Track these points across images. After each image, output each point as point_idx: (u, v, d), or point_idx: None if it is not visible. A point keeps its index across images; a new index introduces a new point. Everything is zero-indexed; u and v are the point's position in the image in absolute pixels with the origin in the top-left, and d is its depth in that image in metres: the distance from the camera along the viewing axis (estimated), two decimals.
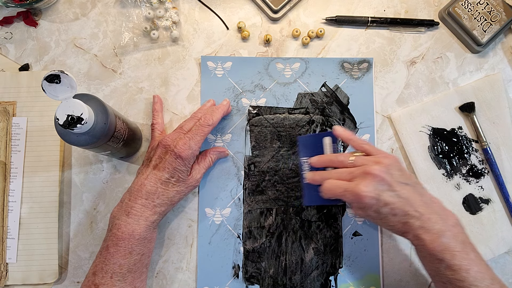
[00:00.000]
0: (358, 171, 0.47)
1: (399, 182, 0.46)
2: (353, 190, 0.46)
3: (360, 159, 0.49)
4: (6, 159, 0.58)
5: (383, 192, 0.45)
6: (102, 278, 0.48)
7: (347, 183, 0.47)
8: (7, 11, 0.62)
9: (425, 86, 0.62)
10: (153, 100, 0.60)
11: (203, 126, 0.53)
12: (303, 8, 0.64)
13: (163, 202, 0.52)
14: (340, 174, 0.49)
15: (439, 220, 0.45)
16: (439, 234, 0.45)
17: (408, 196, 0.46)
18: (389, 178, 0.46)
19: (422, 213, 0.45)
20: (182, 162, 0.52)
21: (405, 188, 0.46)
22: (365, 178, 0.46)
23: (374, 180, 0.45)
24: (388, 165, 0.46)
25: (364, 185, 0.45)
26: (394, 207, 0.45)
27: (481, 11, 0.62)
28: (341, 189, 0.47)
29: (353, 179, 0.47)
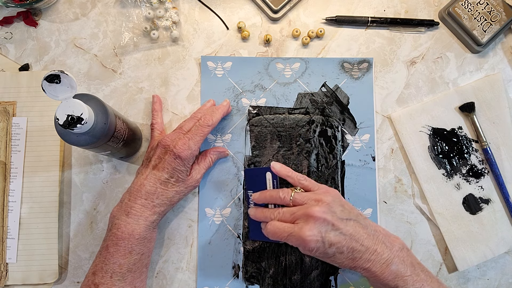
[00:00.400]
0: (300, 212, 0.46)
1: (342, 219, 0.46)
2: (297, 235, 0.45)
3: (300, 196, 0.49)
4: (6, 159, 0.58)
5: (327, 233, 0.45)
6: (102, 278, 0.48)
7: (291, 227, 0.46)
8: (7, 11, 0.62)
9: (425, 86, 0.62)
10: (153, 99, 0.60)
11: (202, 126, 0.53)
12: (303, 8, 0.64)
13: (163, 202, 0.52)
14: (282, 215, 0.49)
15: (385, 249, 0.46)
16: (387, 263, 0.45)
17: (352, 232, 0.46)
18: (330, 218, 0.45)
19: (368, 246, 0.46)
20: (181, 162, 0.52)
21: (348, 224, 0.46)
22: (308, 222, 0.45)
23: (317, 223, 0.45)
24: (328, 203, 0.46)
25: (307, 229, 0.45)
26: (340, 246, 0.45)
27: (481, 11, 0.62)
28: (285, 233, 0.47)
29: (295, 220, 0.47)
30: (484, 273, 0.60)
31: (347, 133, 0.61)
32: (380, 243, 0.46)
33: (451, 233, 0.59)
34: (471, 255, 0.59)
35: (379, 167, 0.60)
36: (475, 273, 0.60)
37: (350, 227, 0.46)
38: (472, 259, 0.59)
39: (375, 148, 0.60)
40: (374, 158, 0.60)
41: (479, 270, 0.60)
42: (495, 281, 0.60)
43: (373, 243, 0.46)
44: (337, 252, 0.46)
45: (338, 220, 0.46)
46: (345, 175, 0.60)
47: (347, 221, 0.47)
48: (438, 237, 0.60)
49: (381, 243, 0.46)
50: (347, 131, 0.61)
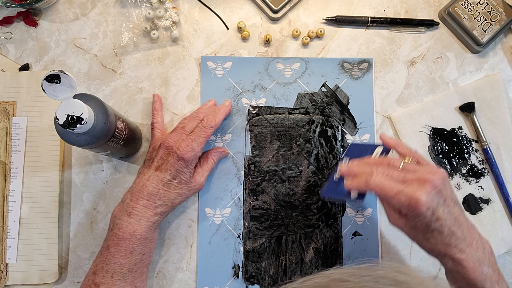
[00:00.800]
0: (414, 176, 0.42)
1: (452, 199, 0.43)
2: (411, 194, 0.40)
3: (411, 166, 0.44)
4: (6, 159, 0.58)
5: (439, 205, 0.41)
6: (103, 278, 0.48)
7: (403, 186, 0.41)
8: (7, 11, 0.62)
9: (425, 86, 0.62)
10: (153, 99, 0.60)
11: (206, 127, 0.53)
12: (303, 8, 0.64)
13: (164, 204, 0.52)
14: (391, 173, 0.43)
15: (480, 247, 0.43)
16: (480, 262, 0.42)
17: (458, 216, 0.42)
18: (445, 192, 0.41)
19: (466, 237, 0.42)
20: (184, 163, 0.52)
21: (456, 206, 0.43)
22: (424, 186, 0.40)
23: (434, 190, 0.40)
24: (443, 177, 0.42)
25: (423, 192, 0.40)
26: (444, 224, 0.41)
27: (481, 11, 0.62)
28: (394, 190, 0.41)
29: (406, 182, 0.42)
30: None
31: (347, 133, 0.61)
32: (475, 239, 0.43)
33: None
34: None
35: None
36: None
37: (456, 210, 0.42)
38: None
39: None
40: None
41: None
42: None
43: (470, 236, 0.42)
44: (438, 229, 0.41)
45: (450, 198, 0.42)
46: None
47: (455, 203, 0.43)
48: None
49: (476, 240, 0.43)
50: (347, 131, 0.61)
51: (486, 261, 0.42)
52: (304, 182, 0.59)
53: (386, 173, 0.44)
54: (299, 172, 0.59)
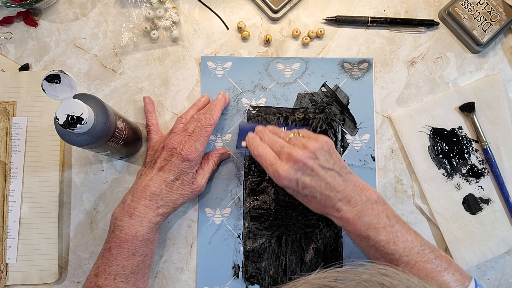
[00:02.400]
0: (286, 150, 0.48)
1: (323, 167, 0.47)
2: (275, 169, 0.47)
3: (295, 139, 0.50)
4: (6, 159, 0.58)
5: (303, 176, 0.46)
6: (105, 280, 0.48)
7: (274, 159, 0.48)
8: (7, 11, 0.62)
9: (425, 86, 0.62)
10: (144, 101, 0.60)
11: (205, 127, 0.53)
12: (303, 8, 0.64)
13: (166, 204, 0.52)
14: (273, 142, 0.50)
15: (359, 201, 0.47)
16: (359, 214, 0.46)
17: (330, 181, 0.47)
18: (311, 163, 0.47)
19: (343, 197, 0.47)
20: (189, 164, 0.52)
21: (328, 172, 0.47)
22: (288, 161, 0.47)
23: (296, 165, 0.46)
24: (314, 149, 0.47)
25: (285, 168, 0.46)
26: (314, 190, 0.47)
27: (481, 11, 0.62)
28: (267, 161, 0.48)
29: (280, 154, 0.48)
30: (484, 273, 0.60)
31: (347, 133, 0.61)
32: (356, 195, 0.47)
33: (451, 233, 0.59)
34: (471, 255, 0.59)
35: (379, 167, 0.60)
36: (475, 273, 0.60)
37: (329, 176, 0.47)
38: (472, 259, 0.59)
39: (375, 148, 0.60)
40: (374, 158, 0.60)
41: (479, 270, 0.60)
42: (495, 281, 0.60)
43: (349, 194, 0.47)
44: (310, 195, 0.47)
45: (319, 167, 0.47)
46: None
47: (328, 170, 0.47)
48: (438, 237, 0.60)
49: (357, 195, 0.47)
50: (347, 131, 0.61)
51: (368, 211, 0.47)
52: None
53: (271, 142, 0.50)
54: None
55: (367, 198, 0.48)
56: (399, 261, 0.45)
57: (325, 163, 0.48)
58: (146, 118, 0.59)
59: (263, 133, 0.53)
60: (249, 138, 0.53)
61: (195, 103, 0.59)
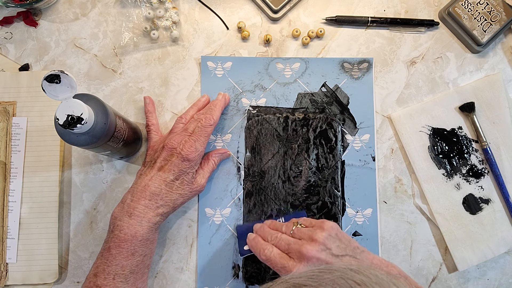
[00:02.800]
0: (295, 247, 0.46)
1: (337, 255, 0.46)
2: (289, 271, 0.45)
3: (298, 231, 0.49)
4: (6, 159, 0.58)
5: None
6: (105, 280, 0.48)
7: (285, 261, 0.46)
8: (7, 11, 0.62)
9: (425, 86, 0.62)
10: (145, 101, 0.60)
11: (205, 127, 0.53)
12: (303, 8, 0.64)
13: (166, 204, 0.52)
14: (279, 241, 0.48)
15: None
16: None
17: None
18: (324, 257, 0.45)
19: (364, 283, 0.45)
20: (188, 164, 0.52)
21: (343, 260, 0.46)
22: (301, 260, 0.45)
23: (310, 262, 0.45)
24: (323, 241, 0.46)
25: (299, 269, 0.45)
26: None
27: (481, 11, 0.62)
28: (278, 265, 0.46)
29: (289, 253, 0.47)
30: (484, 273, 0.60)
31: (347, 133, 0.61)
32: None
33: (451, 233, 0.59)
34: (471, 255, 0.59)
35: (379, 167, 0.60)
36: (475, 273, 0.60)
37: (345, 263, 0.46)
38: (472, 259, 0.59)
39: (375, 148, 0.60)
40: (374, 158, 0.60)
41: (479, 270, 0.60)
42: (495, 281, 0.60)
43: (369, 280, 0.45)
44: None
45: (333, 257, 0.45)
46: (345, 175, 0.60)
47: (342, 257, 0.46)
48: (438, 237, 0.60)
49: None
50: (347, 131, 0.61)
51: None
52: (304, 182, 0.59)
53: (276, 241, 0.49)
54: (299, 172, 0.59)
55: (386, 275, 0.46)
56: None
57: (337, 251, 0.46)
58: (146, 118, 0.59)
59: (264, 231, 0.51)
60: (251, 240, 0.51)
61: (195, 103, 0.59)
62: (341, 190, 0.60)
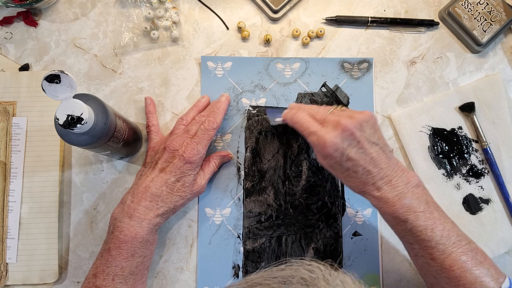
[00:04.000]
0: (332, 118, 0.46)
1: (369, 140, 0.45)
2: (321, 136, 0.45)
3: (337, 111, 0.49)
4: (6, 159, 0.58)
5: (350, 147, 0.45)
6: (104, 280, 0.48)
7: (318, 127, 0.46)
8: (7, 11, 0.62)
9: (425, 86, 0.62)
10: (145, 102, 0.60)
11: (208, 130, 0.54)
12: (303, 8, 0.64)
13: (166, 206, 0.52)
14: (315, 111, 0.48)
15: (401, 183, 0.45)
16: (400, 196, 0.45)
17: (375, 156, 0.45)
18: (358, 134, 0.45)
19: (385, 175, 0.45)
20: (190, 166, 0.52)
21: (373, 147, 0.45)
22: (335, 129, 0.45)
23: (344, 133, 0.44)
24: (361, 121, 0.45)
25: (332, 136, 0.44)
26: (357, 164, 0.45)
27: (481, 11, 0.62)
28: (310, 128, 0.46)
29: (324, 123, 0.46)
30: None
31: None
32: (397, 176, 0.45)
33: None
34: None
35: None
36: None
37: (374, 151, 0.45)
38: None
39: None
40: None
41: None
42: None
43: (390, 173, 0.45)
44: (352, 169, 0.45)
45: (365, 140, 0.45)
46: None
47: (373, 145, 0.45)
48: None
49: (398, 177, 0.45)
50: None
51: (409, 194, 0.45)
52: (304, 182, 0.59)
53: (312, 112, 0.48)
54: (299, 172, 0.59)
55: (408, 180, 0.46)
56: (434, 248, 0.44)
57: (371, 137, 0.46)
58: (147, 119, 0.59)
59: (300, 106, 0.51)
60: (286, 111, 0.51)
61: (195, 104, 0.59)
62: (341, 190, 0.60)
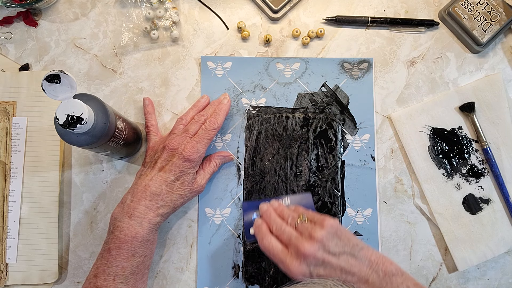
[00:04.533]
0: (294, 243, 0.47)
1: (334, 253, 0.46)
2: (286, 266, 0.46)
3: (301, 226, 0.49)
4: (6, 159, 0.58)
5: (316, 267, 0.46)
6: (105, 281, 0.48)
7: (283, 255, 0.47)
8: (7, 11, 0.62)
9: (425, 86, 0.62)
10: (144, 102, 0.60)
11: (209, 130, 0.54)
12: (303, 8, 0.64)
13: (166, 205, 0.52)
14: (281, 233, 0.49)
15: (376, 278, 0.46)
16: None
17: (344, 266, 0.46)
18: (320, 255, 0.46)
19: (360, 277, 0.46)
20: (189, 164, 0.52)
21: (340, 258, 0.46)
22: (298, 257, 0.46)
23: (306, 259, 0.46)
24: (321, 239, 0.46)
25: (296, 265, 0.46)
26: (331, 276, 0.46)
27: (481, 11, 0.62)
28: (276, 258, 0.48)
29: (289, 247, 0.47)
30: (484, 273, 0.60)
31: (347, 133, 0.61)
32: (373, 273, 0.46)
33: (451, 233, 0.59)
34: (471, 255, 0.59)
35: (379, 167, 0.60)
36: (475, 273, 0.60)
37: (342, 261, 0.46)
38: (472, 259, 0.59)
39: (375, 148, 0.60)
40: (374, 158, 0.60)
41: (479, 270, 0.60)
42: (495, 281, 0.60)
43: (365, 275, 0.46)
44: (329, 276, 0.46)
45: (330, 255, 0.46)
46: (345, 175, 0.60)
47: (339, 255, 0.46)
48: (438, 237, 0.60)
49: (374, 272, 0.46)
50: (347, 131, 0.61)
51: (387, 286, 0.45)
52: (304, 182, 0.59)
53: (279, 232, 0.49)
54: (299, 172, 0.59)
55: (384, 273, 0.46)
56: None
57: (335, 249, 0.47)
58: (146, 119, 0.59)
59: (270, 218, 0.51)
60: (256, 226, 0.52)
61: (194, 104, 0.59)
62: (341, 190, 0.60)
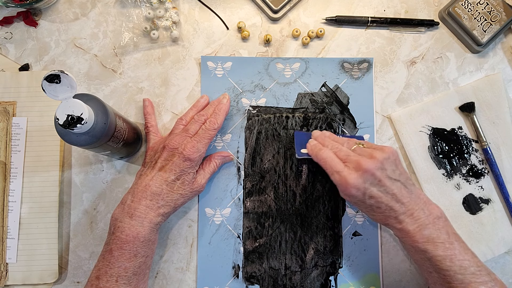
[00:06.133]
0: (354, 159, 0.48)
1: (390, 178, 0.48)
2: (343, 177, 0.47)
3: (359, 149, 0.51)
4: (6, 159, 0.58)
5: (371, 186, 0.47)
6: (107, 282, 0.48)
7: (341, 165, 0.48)
8: (7, 11, 0.62)
9: (425, 86, 0.62)
10: (144, 103, 0.60)
11: (209, 130, 0.54)
12: (303, 8, 0.64)
13: (167, 204, 0.52)
14: (339, 150, 0.51)
15: (422, 215, 0.47)
16: (421, 227, 0.47)
17: (396, 193, 0.47)
18: (379, 174, 0.47)
19: (407, 209, 0.47)
20: (190, 164, 0.52)
21: (394, 184, 0.48)
22: (357, 170, 0.47)
23: (364, 175, 0.47)
24: (382, 160, 0.47)
25: (354, 177, 0.47)
26: (380, 201, 0.47)
27: (481, 11, 0.62)
28: (334, 168, 0.49)
29: (346, 162, 0.49)
30: None
31: (347, 133, 0.61)
32: (419, 208, 0.47)
33: None
34: None
35: None
36: None
37: (395, 188, 0.47)
38: None
39: None
40: None
41: None
42: None
43: (412, 207, 0.47)
44: (375, 205, 0.48)
45: (387, 178, 0.47)
46: None
47: (394, 181, 0.48)
48: None
49: (420, 209, 0.47)
50: (347, 131, 0.61)
51: (430, 225, 0.47)
52: (304, 182, 0.59)
53: (335, 149, 0.51)
54: (299, 172, 0.59)
55: (429, 212, 0.48)
56: (453, 278, 0.45)
57: (392, 174, 0.48)
58: (145, 120, 0.59)
59: (324, 139, 0.53)
60: (311, 144, 0.53)
61: (194, 104, 0.59)
62: None
